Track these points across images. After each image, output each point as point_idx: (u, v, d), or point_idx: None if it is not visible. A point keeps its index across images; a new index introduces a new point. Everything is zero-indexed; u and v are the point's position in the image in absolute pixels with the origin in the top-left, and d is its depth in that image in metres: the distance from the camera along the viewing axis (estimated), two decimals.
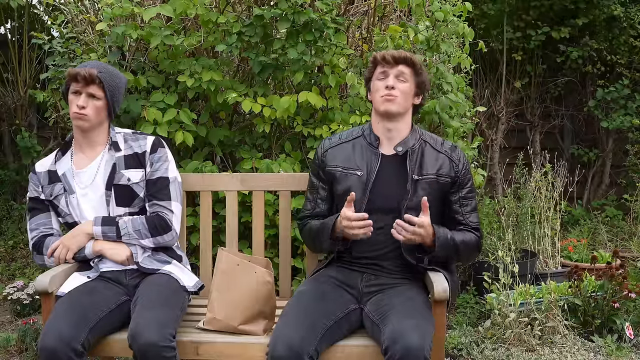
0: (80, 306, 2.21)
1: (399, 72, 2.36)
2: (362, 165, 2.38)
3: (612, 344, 3.28)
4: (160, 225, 2.44)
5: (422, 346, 1.99)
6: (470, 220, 2.40)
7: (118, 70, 2.52)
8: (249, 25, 3.03)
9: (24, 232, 5.12)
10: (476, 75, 6.07)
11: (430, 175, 2.36)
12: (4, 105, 5.48)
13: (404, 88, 2.36)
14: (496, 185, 6.00)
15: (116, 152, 2.48)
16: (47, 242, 2.45)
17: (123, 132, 2.55)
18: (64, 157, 2.51)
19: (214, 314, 2.32)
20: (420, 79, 2.40)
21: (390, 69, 2.37)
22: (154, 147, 2.50)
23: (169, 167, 2.51)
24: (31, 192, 2.51)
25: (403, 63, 2.37)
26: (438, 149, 2.41)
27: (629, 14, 5.82)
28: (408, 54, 2.39)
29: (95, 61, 2.57)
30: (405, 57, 2.37)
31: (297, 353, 2.02)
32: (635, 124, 5.82)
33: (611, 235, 5.45)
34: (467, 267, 4.03)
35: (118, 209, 2.44)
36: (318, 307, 2.20)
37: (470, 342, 3.29)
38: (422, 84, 2.41)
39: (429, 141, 2.42)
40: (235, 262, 2.33)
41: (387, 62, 2.37)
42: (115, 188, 2.44)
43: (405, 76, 2.36)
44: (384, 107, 2.36)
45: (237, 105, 3.24)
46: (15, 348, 3.28)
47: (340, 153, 2.44)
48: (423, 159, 2.38)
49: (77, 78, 2.38)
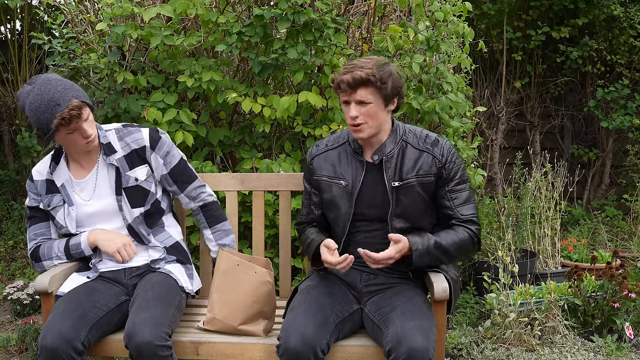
0: (80, 305, 2.21)
1: (359, 97, 2.17)
2: (347, 174, 2.32)
3: (612, 344, 3.28)
4: (215, 210, 2.58)
5: (427, 348, 1.98)
6: (461, 213, 2.28)
7: (56, 79, 2.27)
8: (249, 25, 3.03)
9: (24, 232, 5.12)
10: (476, 75, 6.07)
11: (410, 179, 2.25)
12: (4, 105, 5.48)
13: (368, 112, 2.19)
14: (496, 185, 6.00)
15: (112, 154, 2.39)
16: (42, 249, 2.43)
17: (113, 129, 2.45)
18: (58, 165, 2.43)
19: (214, 314, 2.32)
20: (386, 91, 2.19)
21: (349, 97, 2.19)
22: (153, 140, 2.43)
23: (175, 151, 2.50)
24: (29, 201, 2.45)
25: (361, 86, 2.16)
26: (420, 147, 2.28)
27: (629, 13, 5.82)
28: (363, 73, 2.15)
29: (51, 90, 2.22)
30: (361, 79, 2.15)
31: (311, 345, 2.02)
32: (635, 124, 5.82)
33: (611, 235, 5.45)
34: (467, 267, 4.03)
35: (134, 210, 2.40)
36: (328, 302, 2.20)
37: (470, 342, 3.29)
38: (391, 93, 2.21)
39: (410, 141, 2.29)
40: (235, 262, 2.34)
41: (344, 90, 2.19)
42: (127, 191, 2.40)
43: (367, 98, 2.17)
44: (355, 136, 2.26)
45: (237, 105, 3.24)
46: (15, 348, 3.28)
47: (326, 161, 2.37)
48: (403, 162, 2.27)
49: (68, 121, 2.21)
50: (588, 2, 5.67)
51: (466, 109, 3.76)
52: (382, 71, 2.18)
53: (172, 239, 2.51)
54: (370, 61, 2.20)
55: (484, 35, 6.01)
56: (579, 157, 6.40)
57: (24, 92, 2.28)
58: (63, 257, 2.41)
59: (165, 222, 2.51)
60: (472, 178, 3.75)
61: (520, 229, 4.17)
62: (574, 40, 6.02)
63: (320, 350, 2.04)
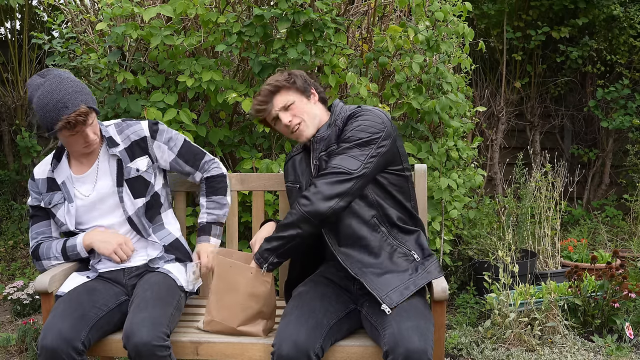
0: (80, 305, 2.21)
1: (280, 103, 2.29)
2: (303, 177, 2.38)
3: (612, 344, 3.28)
4: (219, 184, 2.56)
5: (425, 348, 1.97)
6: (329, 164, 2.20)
7: (69, 77, 2.28)
8: (249, 25, 3.04)
9: (24, 232, 5.13)
10: (476, 75, 6.07)
11: (323, 157, 2.27)
12: (4, 105, 5.48)
13: (296, 110, 2.29)
14: (496, 185, 6.00)
15: (114, 147, 2.42)
16: (42, 249, 2.43)
17: (113, 124, 2.47)
18: (60, 163, 2.44)
19: (212, 316, 2.31)
20: (296, 86, 2.29)
21: (272, 110, 2.30)
22: (152, 130, 2.46)
23: (177, 134, 2.52)
24: (31, 200, 2.47)
25: (274, 95, 2.29)
26: (339, 126, 2.28)
27: (629, 13, 5.82)
28: (269, 85, 2.29)
29: (61, 91, 2.22)
30: (269, 90, 2.29)
31: (304, 351, 2.02)
32: (635, 124, 5.82)
33: (611, 235, 5.45)
34: (467, 266, 4.03)
35: (137, 201, 2.41)
36: (320, 306, 2.20)
37: (470, 342, 3.29)
38: (302, 86, 2.30)
39: (339, 123, 2.28)
40: (228, 265, 2.31)
41: (267, 111, 2.31)
42: (128, 182, 2.41)
43: (287, 99, 2.28)
44: (300, 141, 2.34)
45: (237, 105, 3.24)
46: (15, 348, 3.28)
47: (290, 167, 2.45)
48: (329, 146, 2.28)
49: (73, 125, 2.23)
50: (588, 2, 5.67)
51: (466, 109, 3.76)
52: (282, 75, 2.33)
53: (171, 236, 2.51)
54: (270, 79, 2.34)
55: (484, 35, 6.01)
56: (579, 157, 6.40)
57: (33, 84, 2.28)
58: (60, 259, 2.42)
59: (164, 219, 2.52)
60: (472, 178, 3.76)
61: (520, 229, 4.17)
62: (574, 40, 6.03)
63: (314, 355, 2.04)
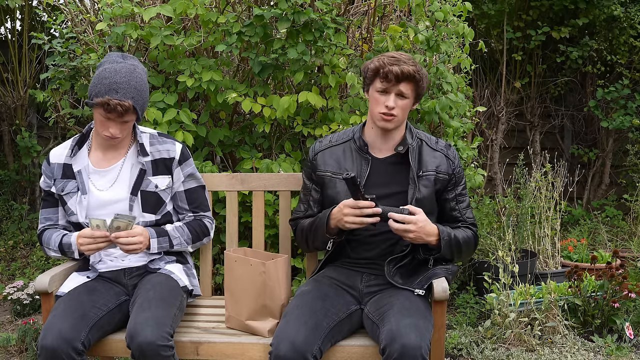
0: (80, 305, 2.21)
1: (400, 90, 2.26)
2: (352, 170, 2.35)
3: (612, 344, 3.28)
4: (202, 232, 2.52)
5: (420, 345, 1.98)
6: (467, 216, 2.42)
7: (142, 75, 2.33)
8: (249, 25, 3.04)
9: (24, 232, 5.13)
10: (476, 75, 6.07)
11: (430, 171, 2.35)
12: (4, 105, 5.48)
13: (404, 105, 2.29)
14: (496, 185, 6.00)
15: (144, 156, 2.40)
16: (46, 236, 2.42)
17: (149, 133, 2.46)
18: (80, 151, 2.42)
19: (229, 312, 2.38)
20: (420, 91, 2.32)
21: (391, 87, 2.26)
22: (183, 157, 2.45)
23: (199, 176, 2.52)
24: (43, 183, 2.44)
25: (405, 80, 2.25)
26: (434, 147, 2.40)
27: (629, 14, 5.82)
28: (412, 69, 2.24)
29: (125, 78, 2.26)
30: (409, 74, 2.24)
31: (301, 353, 2.02)
32: (635, 124, 5.82)
33: (611, 235, 5.45)
34: (467, 267, 4.03)
35: (145, 215, 2.40)
36: (321, 307, 2.20)
37: (470, 342, 3.29)
38: (422, 93, 2.35)
39: (424, 139, 2.41)
40: (233, 260, 2.36)
41: (389, 80, 2.25)
42: (142, 194, 2.39)
43: (406, 93, 2.27)
44: (381, 125, 2.31)
45: (237, 105, 3.24)
46: (15, 348, 3.28)
47: (330, 157, 2.40)
48: (421, 156, 2.37)
49: (109, 109, 2.23)
50: (588, 2, 5.67)
51: (466, 109, 3.76)
52: (422, 71, 2.30)
53: None
54: (410, 58, 2.29)
55: (484, 35, 6.01)
56: (579, 157, 6.40)
57: (110, 58, 2.33)
58: (58, 253, 2.40)
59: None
60: (472, 178, 3.75)
61: (520, 229, 4.17)
62: (574, 40, 6.02)
63: (311, 356, 2.04)
